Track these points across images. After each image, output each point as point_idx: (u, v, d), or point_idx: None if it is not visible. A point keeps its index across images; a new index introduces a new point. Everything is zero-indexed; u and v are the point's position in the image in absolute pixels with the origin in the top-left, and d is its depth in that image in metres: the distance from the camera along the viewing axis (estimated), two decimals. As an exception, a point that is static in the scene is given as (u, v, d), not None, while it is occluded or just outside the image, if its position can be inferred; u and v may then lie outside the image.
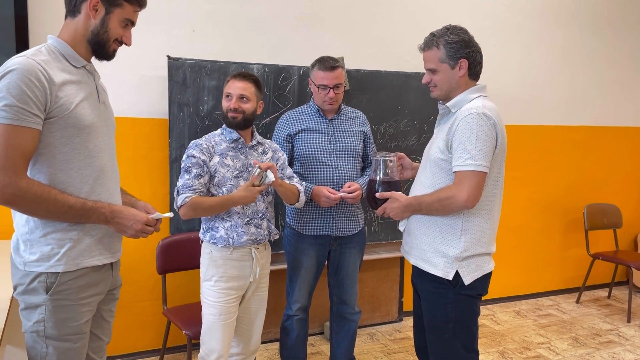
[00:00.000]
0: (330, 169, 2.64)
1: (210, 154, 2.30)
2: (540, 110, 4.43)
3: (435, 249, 2.02)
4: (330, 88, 2.59)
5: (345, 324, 2.88)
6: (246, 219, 2.33)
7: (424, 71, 3.68)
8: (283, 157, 2.51)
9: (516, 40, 4.25)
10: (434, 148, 2.03)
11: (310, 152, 2.64)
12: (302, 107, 2.77)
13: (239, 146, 2.37)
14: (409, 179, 2.40)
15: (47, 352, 1.62)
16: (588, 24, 4.50)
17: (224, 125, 2.41)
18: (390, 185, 2.14)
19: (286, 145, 2.67)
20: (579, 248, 4.71)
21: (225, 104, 2.34)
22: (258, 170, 2.19)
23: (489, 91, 4.26)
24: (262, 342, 3.52)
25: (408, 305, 4.06)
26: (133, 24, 1.72)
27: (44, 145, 1.55)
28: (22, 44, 2.77)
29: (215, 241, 2.32)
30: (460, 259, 1.99)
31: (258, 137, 2.45)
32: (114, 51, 1.71)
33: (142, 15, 1.76)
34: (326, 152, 2.65)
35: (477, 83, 2.06)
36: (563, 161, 4.59)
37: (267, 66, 3.21)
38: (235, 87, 2.31)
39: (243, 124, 2.33)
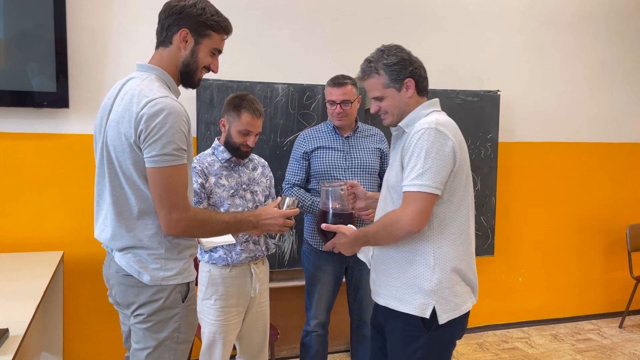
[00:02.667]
0: (347, 186, 2.66)
1: (206, 175, 2.32)
2: (577, 126, 4.30)
3: (407, 284, 1.79)
4: (337, 104, 2.62)
5: (365, 342, 2.87)
6: (245, 237, 2.37)
7: (453, 88, 3.71)
8: (271, 174, 2.56)
9: (551, 56, 4.16)
10: (391, 173, 1.88)
11: (326, 169, 2.68)
12: (319, 125, 2.82)
13: (232, 165, 2.39)
14: (364, 208, 2.24)
15: (175, 357, 1.74)
16: (627, 38, 4.35)
17: (214, 145, 2.41)
18: (341, 217, 1.96)
19: (303, 163, 2.72)
20: (622, 270, 4.50)
21: (240, 138, 2.33)
22: (289, 199, 2.02)
23: (523, 107, 4.19)
24: (286, 358, 3.55)
25: (437, 325, 3.99)
26: (220, 52, 1.81)
27: None
28: (61, 67, 2.96)
29: (214, 261, 2.35)
30: (438, 292, 1.76)
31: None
32: (199, 80, 1.80)
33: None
34: (341, 169, 2.68)
35: (428, 98, 1.92)
36: (603, 179, 4.42)
37: (291, 85, 3.29)
38: (256, 125, 2.33)
39: (249, 155, 2.42)
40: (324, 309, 2.79)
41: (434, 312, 1.75)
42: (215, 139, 2.45)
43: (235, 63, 3.33)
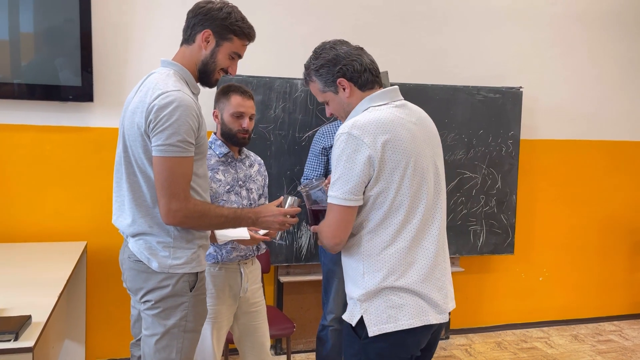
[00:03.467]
0: (365, 182, 2.67)
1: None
2: (602, 124, 4.22)
3: (348, 290, 1.71)
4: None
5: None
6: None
7: (474, 84, 3.69)
8: (266, 173, 2.50)
9: (577, 52, 4.09)
10: None
11: (345, 165, 2.68)
12: (338, 121, 2.83)
13: (229, 160, 2.34)
14: None
15: (182, 345, 1.80)
16: (657, 34, 4.26)
17: (212, 139, 2.34)
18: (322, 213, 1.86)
19: (321, 159, 2.73)
20: (646, 271, 4.42)
21: (233, 122, 2.28)
22: (290, 199, 1.97)
23: (546, 104, 4.09)
24: (303, 352, 3.58)
25: (455, 322, 3.98)
26: (240, 56, 1.87)
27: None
28: (86, 61, 3.02)
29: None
30: (367, 301, 1.62)
31: (245, 151, 2.43)
32: (217, 80, 1.86)
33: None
34: (360, 165, 2.68)
35: (374, 90, 1.74)
36: (627, 178, 4.33)
37: (311, 81, 3.30)
38: (247, 106, 2.29)
39: (248, 142, 2.33)
40: (341, 303, 2.80)
41: (364, 322, 1.63)
42: (212, 133, 2.40)
43: (255, 59, 3.35)
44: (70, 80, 3.02)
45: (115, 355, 3.29)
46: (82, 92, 3.04)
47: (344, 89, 1.71)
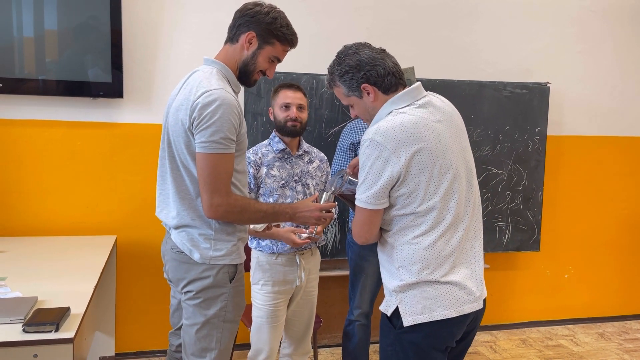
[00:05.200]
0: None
1: (258, 165, 2.40)
2: (631, 120, 4.16)
3: (384, 281, 1.76)
4: None
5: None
6: (292, 228, 2.41)
7: (501, 80, 3.65)
8: (328, 169, 2.58)
9: (606, 47, 4.03)
10: None
11: (373, 161, 2.68)
12: (366, 116, 2.83)
13: (285, 156, 2.45)
14: None
15: (222, 335, 1.85)
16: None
17: (271, 136, 2.50)
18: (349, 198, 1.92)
19: (349, 154, 2.74)
20: (675, 269, 4.34)
21: (282, 114, 2.43)
22: (326, 195, 2.01)
23: (574, 100, 4.04)
24: (328, 346, 3.60)
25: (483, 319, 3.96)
26: (280, 61, 1.92)
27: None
28: (116, 58, 3.06)
29: (261, 249, 2.44)
30: (402, 292, 1.67)
31: (305, 146, 2.53)
32: (255, 81, 1.92)
33: (224, 33, 1.93)
34: (388, 160, 2.68)
35: (398, 91, 1.75)
36: (658, 175, 4.27)
37: (337, 77, 3.31)
38: (294, 97, 2.43)
39: (301, 132, 2.44)
40: (368, 299, 2.81)
41: (400, 312, 1.68)
42: (273, 130, 2.53)
43: (282, 54, 3.37)
44: (101, 77, 3.06)
45: (143, 347, 3.35)
46: (112, 89, 3.08)
47: (368, 94, 1.74)
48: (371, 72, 1.71)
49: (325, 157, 2.62)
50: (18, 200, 3.09)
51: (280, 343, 2.63)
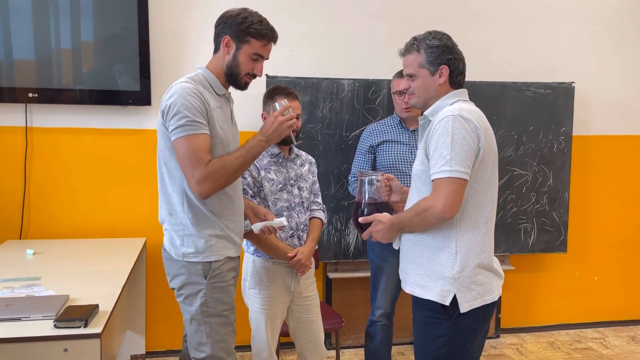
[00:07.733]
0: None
1: (257, 169, 2.39)
2: (661, 119, 4.07)
3: (430, 271, 1.80)
4: (405, 93, 2.64)
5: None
6: (290, 232, 2.41)
7: (524, 80, 3.63)
8: (316, 171, 2.57)
9: (632, 45, 3.96)
10: (417, 162, 1.89)
11: (392, 163, 2.72)
12: (385, 119, 2.87)
13: (280, 160, 2.44)
14: (398, 203, 2.15)
15: (211, 330, 1.95)
16: None
17: None
18: (377, 206, 1.93)
19: (369, 156, 2.78)
20: None
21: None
22: (277, 104, 2.01)
23: (600, 99, 4.00)
24: (351, 347, 3.63)
25: (506, 321, 3.93)
26: (263, 57, 1.99)
27: None
28: (144, 67, 3.19)
29: (259, 254, 2.41)
30: (459, 279, 1.76)
31: (295, 150, 2.52)
32: (247, 83, 2.02)
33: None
34: (407, 162, 2.71)
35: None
36: (691, 174, 4.16)
37: (357, 81, 3.36)
38: (295, 107, 2.33)
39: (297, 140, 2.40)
40: (389, 299, 2.84)
41: (456, 300, 1.76)
42: None
43: (303, 60, 3.44)
44: (130, 85, 3.19)
45: (173, 346, 3.45)
46: (141, 97, 3.21)
47: (440, 75, 1.84)
48: (456, 61, 1.86)
49: (313, 160, 2.60)
50: (53, 204, 3.24)
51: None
